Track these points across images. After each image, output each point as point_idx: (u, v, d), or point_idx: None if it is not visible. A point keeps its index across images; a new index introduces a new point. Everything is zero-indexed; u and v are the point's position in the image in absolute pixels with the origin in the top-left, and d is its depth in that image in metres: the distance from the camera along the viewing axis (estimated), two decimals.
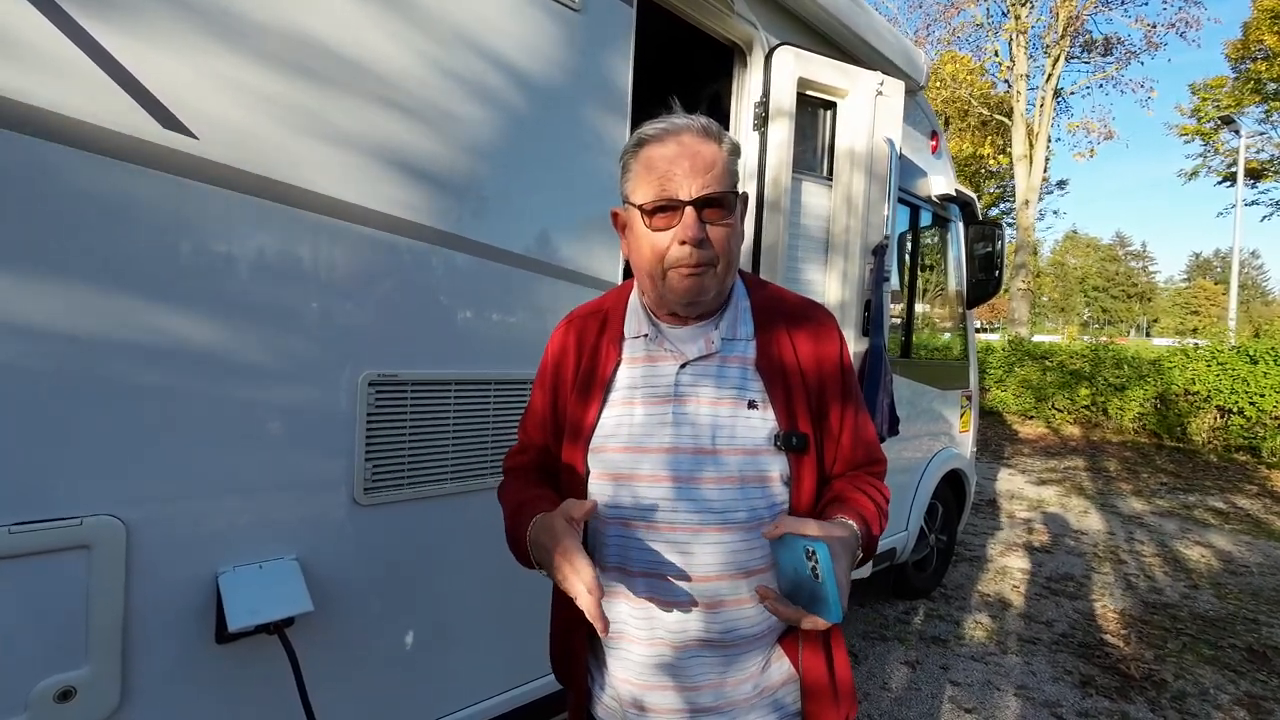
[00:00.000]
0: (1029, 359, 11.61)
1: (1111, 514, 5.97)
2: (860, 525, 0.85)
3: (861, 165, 2.39)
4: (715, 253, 0.86)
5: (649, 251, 0.87)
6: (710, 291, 0.88)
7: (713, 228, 0.84)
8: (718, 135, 0.87)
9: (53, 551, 1.00)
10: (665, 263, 0.86)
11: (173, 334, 1.10)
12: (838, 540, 0.77)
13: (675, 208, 0.83)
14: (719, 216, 0.85)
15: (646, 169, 0.85)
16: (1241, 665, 3.13)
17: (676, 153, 0.84)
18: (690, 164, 0.83)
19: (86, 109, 0.99)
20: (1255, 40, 18.66)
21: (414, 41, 1.37)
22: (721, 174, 0.85)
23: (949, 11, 18.75)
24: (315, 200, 1.24)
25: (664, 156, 0.84)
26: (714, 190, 0.83)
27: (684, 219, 0.83)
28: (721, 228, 0.85)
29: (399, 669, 1.45)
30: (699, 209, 0.83)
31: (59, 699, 1.01)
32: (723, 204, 0.85)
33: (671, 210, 0.84)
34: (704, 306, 0.92)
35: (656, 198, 0.84)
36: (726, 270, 0.89)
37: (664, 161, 0.84)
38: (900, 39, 2.87)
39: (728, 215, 0.86)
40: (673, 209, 0.84)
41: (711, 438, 0.88)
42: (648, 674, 0.90)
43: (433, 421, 1.46)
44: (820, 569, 0.70)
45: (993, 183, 24.96)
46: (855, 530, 0.83)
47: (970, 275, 3.74)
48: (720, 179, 0.84)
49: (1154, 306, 65.07)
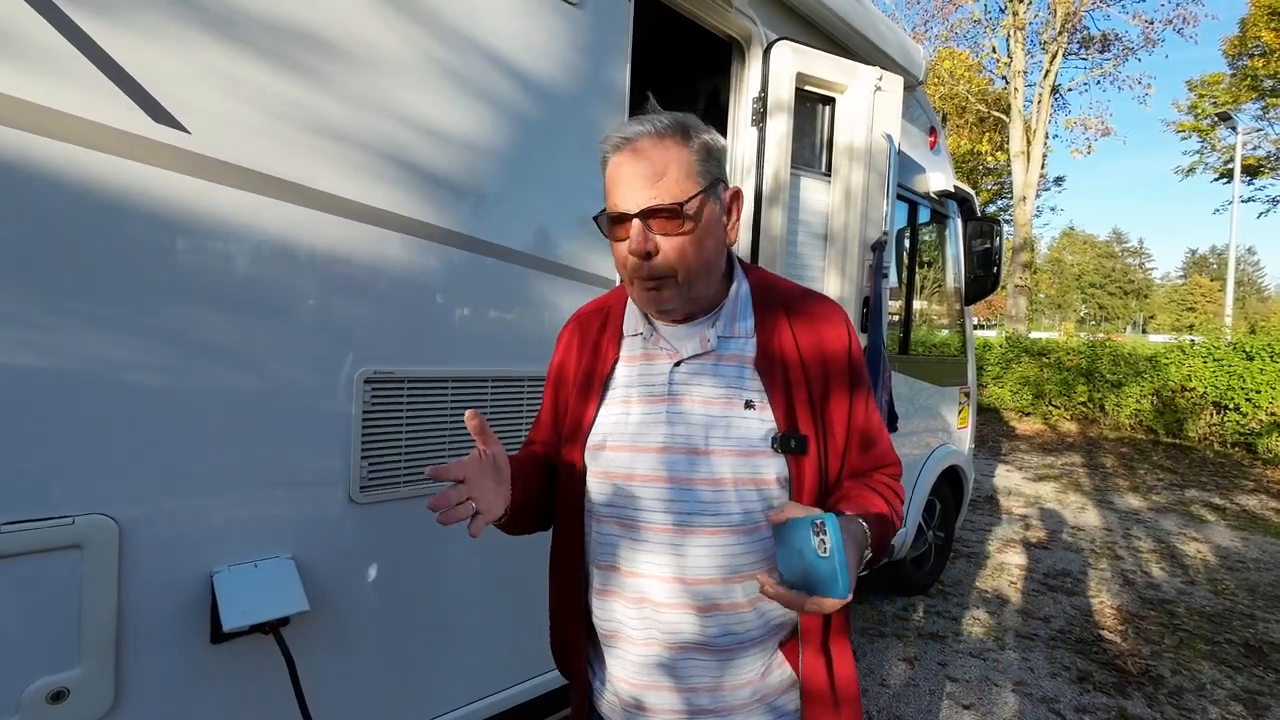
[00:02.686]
0: (1026, 355, 11.63)
1: (1108, 510, 5.99)
2: (870, 524, 0.81)
3: (860, 161, 2.38)
4: (670, 265, 0.83)
5: (617, 260, 0.87)
6: (671, 304, 0.87)
7: (665, 239, 0.82)
8: (682, 135, 0.83)
9: (44, 551, 0.98)
10: (627, 273, 0.86)
11: (165, 331, 1.08)
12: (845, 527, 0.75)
13: (624, 220, 0.83)
14: (671, 227, 0.82)
15: (610, 179, 0.85)
16: (1238, 660, 3.14)
17: (628, 161, 0.82)
18: (640, 175, 0.81)
19: (75, 102, 0.98)
20: (1253, 37, 18.66)
21: (409, 35, 1.35)
22: (677, 179, 0.81)
23: (947, 8, 18.74)
24: (309, 195, 1.23)
25: (617, 164, 0.83)
26: (660, 201, 0.80)
27: (631, 231, 0.82)
28: (676, 238, 0.82)
29: (396, 669, 1.44)
30: (645, 219, 0.81)
31: (52, 700, 1.00)
32: (674, 214, 0.81)
33: (622, 223, 0.83)
34: (676, 315, 0.90)
35: (610, 209, 0.84)
36: (691, 280, 0.85)
37: (618, 169, 0.83)
38: (899, 34, 2.86)
39: (681, 224, 0.82)
40: (622, 222, 0.83)
41: (705, 438, 0.86)
42: (644, 674, 0.89)
43: (429, 419, 1.45)
44: (830, 541, 0.67)
45: (990, 179, 24.96)
46: (864, 527, 0.80)
47: (968, 271, 3.74)
48: (673, 187, 0.80)
49: (1150, 303, 65.20)
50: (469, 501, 0.79)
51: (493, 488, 0.83)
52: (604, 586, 0.92)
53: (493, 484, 0.84)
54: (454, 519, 0.76)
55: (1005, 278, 16.27)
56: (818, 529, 0.69)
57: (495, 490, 0.84)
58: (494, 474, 0.84)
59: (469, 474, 0.80)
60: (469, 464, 0.81)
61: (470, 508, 0.78)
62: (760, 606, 0.88)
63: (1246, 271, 61.28)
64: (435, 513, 0.75)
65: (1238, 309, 25.64)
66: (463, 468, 0.80)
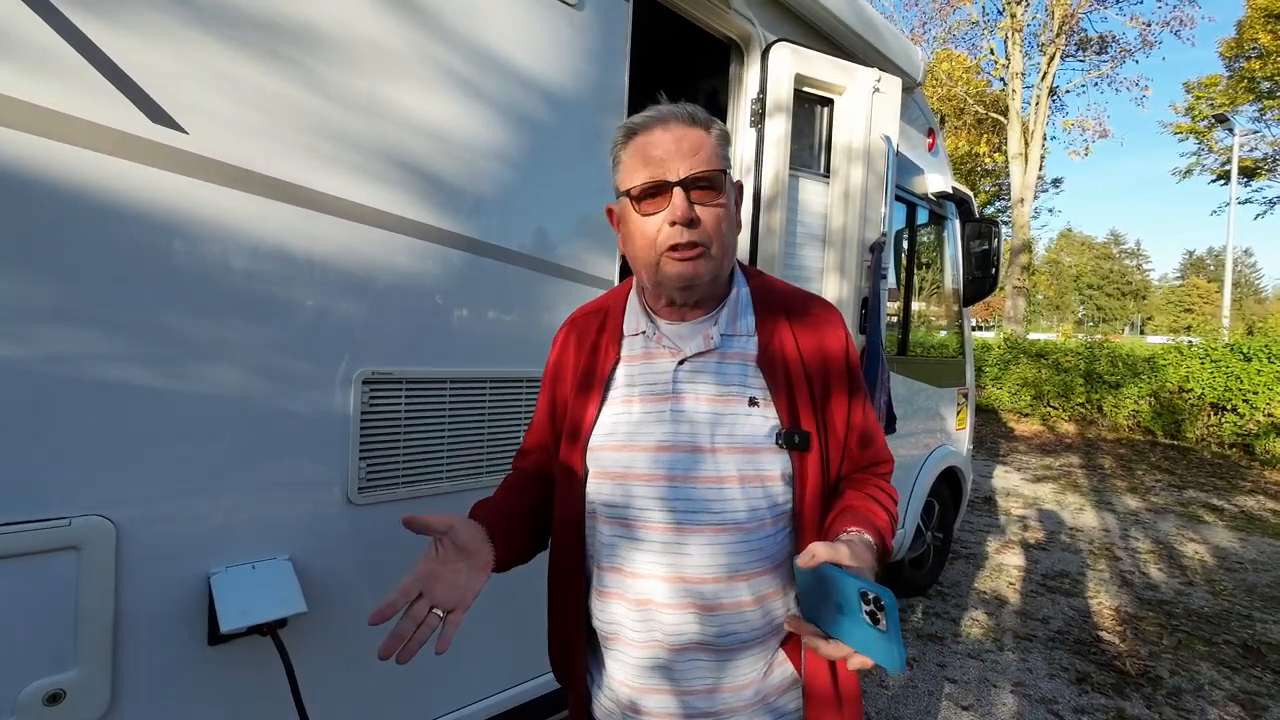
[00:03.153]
0: (1025, 357, 11.65)
1: (1107, 511, 6.00)
2: (876, 539, 0.83)
3: (859, 162, 2.38)
4: (708, 235, 0.84)
5: (641, 239, 0.86)
6: (705, 276, 0.86)
7: (703, 209, 0.83)
8: (705, 121, 0.86)
9: (41, 553, 0.98)
10: (657, 247, 0.84)
11: (162, 331, 1.08)
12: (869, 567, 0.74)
13: (664, 190, 0.82)
14: (709, 198, 0.84)
15: (635, 157, 0.85)
16: (1236, 661, 3.15)
17: (663, 137, 0.83)
18: (677, 147, 0.82)
19: (72, 103, 0.97)
20: (1249, 39, 18.73)
21: (408, 36, 1.35)
22: (710, 156, 0.84)
23: (945, 9, 18.78)
24: (307, 196, 1.23)
25: (651, 142, 0.84)
26: (702, 170, 0.82)
27: (674, 199, 0.82)
28: (713, 209, 0.84)
29: (394, 670, 1.43)
30: (687, 189, 0.82)
31: (48, 702, 0.99)
32: (713, 184, 0.84)
33: (661, 194, 0.83)
34: (700, 293, 0.90)
35: (645, 181, 0.83)
36: (721, 255, 0.87)
37: (651, 147, 0.83)
38: (898, 36, 2.86)
39: (718, 196, 0.85)
40: (662, 192, 0.83)
41: (710, 435, 0.86)
42: (643, 676, 0.89)
43: (428, 420, 1.45)
44: (885, 619, 0.63)
45: (989, 180, 25.01)
46: (874, 546, 0.81)
47: (967, 273, 3.74)
48: (709, 160, 0.83)
49: (1148, 304, 65.36)
50: (430, 615, 0.77)
51: (464, 569, 0.83)
52: (605, 588, 0.91)
53: (463, 565, 0.83)
54: (414, 650, 0.75)
55: (1004, 279, 16.33)
56: (869, 601, 0.64)
57: (469, 569, 0.83)
58: (458, 555, 0.83)
59: (424, 584, 0.79)
60: (422, 575, 0.80)
61: (430, 627, 0.76)
62: (766, 605, 0.87)
63: (1244, 273, 61.45)
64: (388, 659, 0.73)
65: (1235, 310, 25.71)
66: (415, 583, 0.78)
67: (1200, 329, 12.11)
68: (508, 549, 0.90)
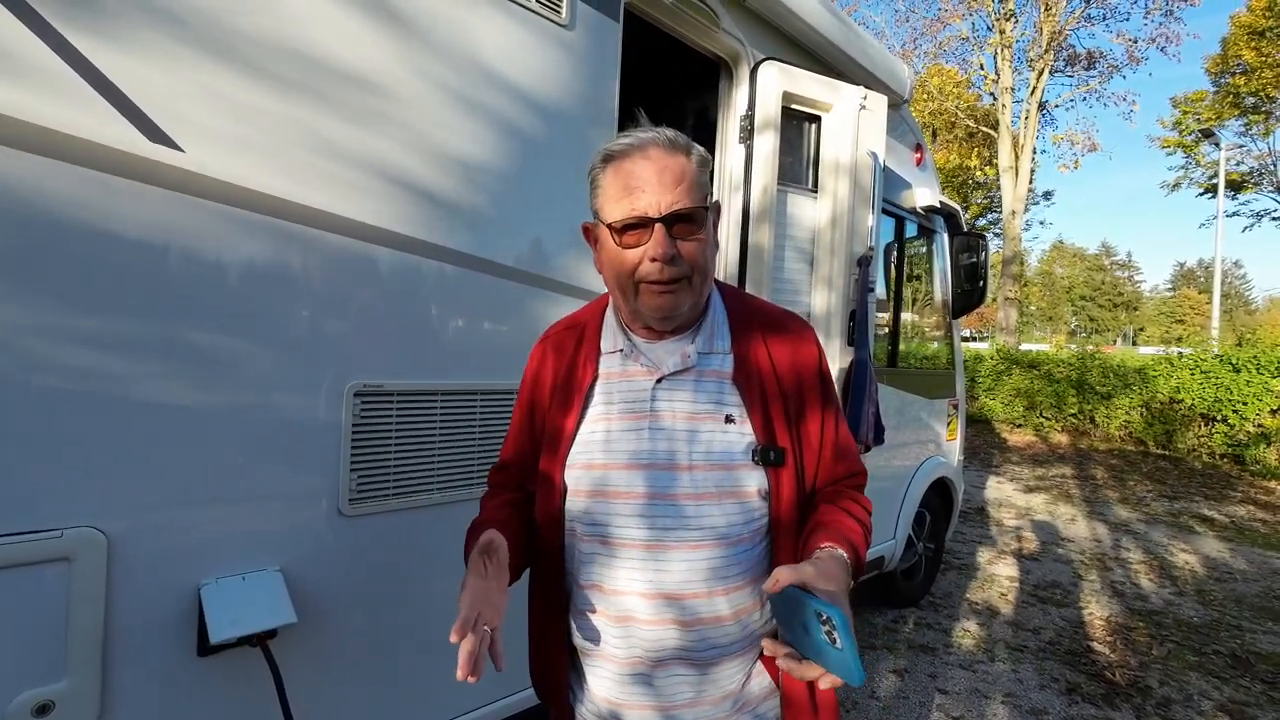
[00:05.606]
0: (1017, 367, 11.72)
1: (1099, 521, 6.02)
2: (850, 553, 0.82)
3: (846, 177, 2.43)
4: (688, 266, 0.84)
5: (621, 267, 0.85)
6: (684, 306, 0.87)
7: (683, 243, 0.83)
8: (685, 147, 0.85)
9: (32, 564, 0.99)
10: (636, 278, 0.84)
11: (157, 345, 1.10)
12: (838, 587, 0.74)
13: (645, 225, 0.81)
14: (689, 232, 0.84)
15: (614, 184, 0.83)
16: (1225, 671, 3.16)
17: (644, 168, 0.82)
18: (659, 179, 0.81)
19: (70, 121, 1.00)
20: (1234, 55, 19.08)
21: (402, 55, 1.38)
22: (690, 187, 0.83)
23: (935, 26, 19.04)
24: (301, 212, 1.25)
25: (631, 171, 0.82)
26: (683, 206, 0.82)
27: (654, 236, 0.81)
28: (693, 242, 0.84)
29: (383, 681, 1.44)
30: (669, 225, 0.82)
31: (37, 713, 1.00)
32: (693, 219, 0.83)
33: (641, 228, 0.82)
34: (678, 321, 0.90)
35: (626, 216, 0.82)
36: (702, 283, 0.88)
37: (632, 176, 0.82)
38: (884, 54, 2.92)
39: (698, 230, 0.84)
40: (642, 226, 0.82)
41: (688, 452, 0.87)
42: (624, 690, 0.90)
43: (419, 432, 1.46)
44: (839, 636, 0.66)
45: (980, 193, 25.27)
46: (846, 561, 0.81)
47: (956, 285, 3.79)
48: (689, 192, 0.83)
49: (1140, 315, 65.87)
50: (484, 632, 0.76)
51: (496, 589, 0.82)
52: (584, 606, 0.92)
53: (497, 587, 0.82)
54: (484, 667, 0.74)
55: (996, 290, 16.44)
56: (824, 621, 0.68)
57: (500, 590, 0.82)
58: (498, 572, 0.83)
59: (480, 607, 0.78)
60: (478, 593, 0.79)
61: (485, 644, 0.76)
62: (743, 619, 0.89)
63: (1233, 284, 61.99)
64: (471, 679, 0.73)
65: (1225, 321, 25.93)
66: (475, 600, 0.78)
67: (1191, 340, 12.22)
68: (515, 565, 0.90)
